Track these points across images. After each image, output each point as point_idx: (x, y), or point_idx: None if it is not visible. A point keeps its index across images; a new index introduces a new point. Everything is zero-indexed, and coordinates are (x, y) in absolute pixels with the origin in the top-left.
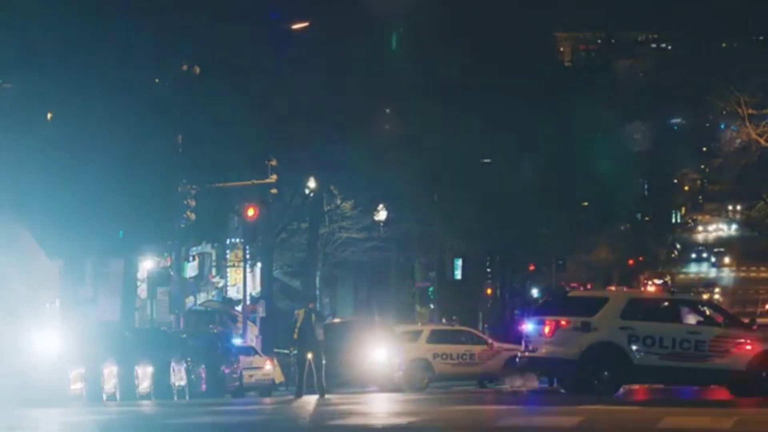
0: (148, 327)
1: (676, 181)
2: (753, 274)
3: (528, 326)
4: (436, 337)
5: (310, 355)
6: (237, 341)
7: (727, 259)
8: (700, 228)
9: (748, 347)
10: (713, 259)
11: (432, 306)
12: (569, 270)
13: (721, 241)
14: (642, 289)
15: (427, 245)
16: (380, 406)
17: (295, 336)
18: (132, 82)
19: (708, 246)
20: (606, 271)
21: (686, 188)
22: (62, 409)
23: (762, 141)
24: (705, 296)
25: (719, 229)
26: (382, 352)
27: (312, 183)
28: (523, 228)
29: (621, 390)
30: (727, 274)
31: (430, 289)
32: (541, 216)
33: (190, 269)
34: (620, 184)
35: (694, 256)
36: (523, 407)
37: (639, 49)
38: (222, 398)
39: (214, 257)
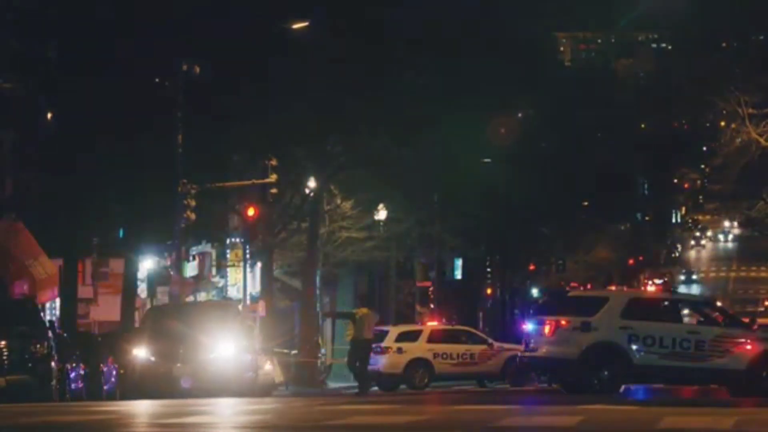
0: None
1: (676, 180)
2: (753, 274)
3: (528, 326)
4: (436, 337)
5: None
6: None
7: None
8: (692, 242)
9: (748, 347)
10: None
11: (432, 306)
12: (569, 270)
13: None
14: (642, 288)
15: (427, 245)
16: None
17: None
18: (132, 82)
19: (700, 264)
20: (606, 271)
21: (686, 188)
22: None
23: (762, 141)
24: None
25: (716, 235)
26: (228, 346)
27: (312, 183)
28: (523, 228)
29: (621, 390)
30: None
31: (430, 288)
32: (541, 216)
33: (190, 269)
34: (620, 183)
35: (683, 277)
36: (523, 407)
37: (639, 49)
38: (222, 397)
39: (214, 257)
